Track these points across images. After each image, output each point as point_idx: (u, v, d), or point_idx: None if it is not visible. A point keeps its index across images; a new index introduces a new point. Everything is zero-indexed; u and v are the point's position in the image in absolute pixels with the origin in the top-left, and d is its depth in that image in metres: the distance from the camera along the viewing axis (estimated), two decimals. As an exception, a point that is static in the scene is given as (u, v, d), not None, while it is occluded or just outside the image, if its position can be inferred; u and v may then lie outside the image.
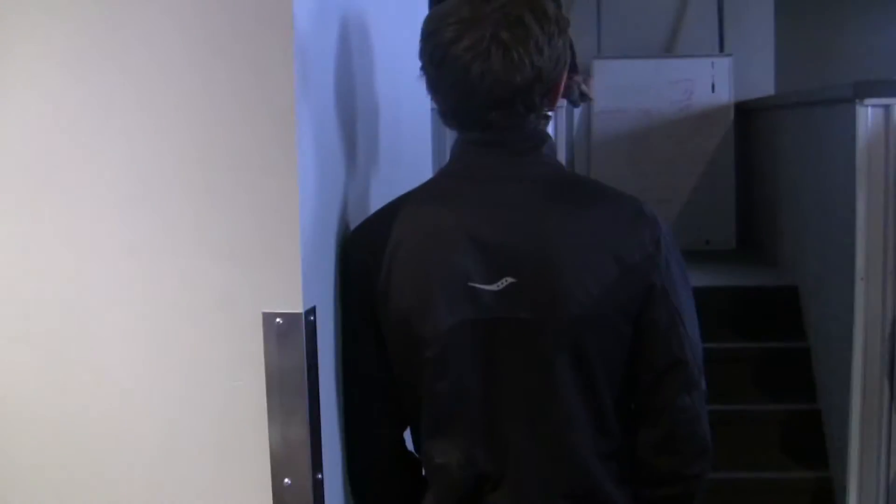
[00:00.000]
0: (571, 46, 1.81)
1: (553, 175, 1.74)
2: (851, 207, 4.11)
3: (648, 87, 7.34)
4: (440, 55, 1.66)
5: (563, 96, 4.10)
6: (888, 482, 4.19)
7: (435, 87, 1.72)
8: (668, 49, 7.75)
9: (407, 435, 1.86)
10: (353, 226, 1.81)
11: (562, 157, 4.08)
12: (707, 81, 7.33)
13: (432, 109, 1.93)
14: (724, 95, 7.33)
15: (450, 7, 1.69)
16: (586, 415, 1.68)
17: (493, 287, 1.64)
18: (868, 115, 4.01)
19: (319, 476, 1.56)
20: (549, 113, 1.78)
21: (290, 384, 1.52)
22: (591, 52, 7.53)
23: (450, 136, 1.85)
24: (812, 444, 4.88)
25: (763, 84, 7.51)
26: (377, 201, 1.90)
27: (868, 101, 4.00)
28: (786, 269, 5.95)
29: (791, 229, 5.87)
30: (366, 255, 1.72)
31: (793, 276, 5.70)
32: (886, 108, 4.00)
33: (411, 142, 2.34)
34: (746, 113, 7.29)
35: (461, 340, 1.66)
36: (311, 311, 1.55)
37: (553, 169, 1.75)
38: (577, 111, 6.87)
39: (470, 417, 1.69)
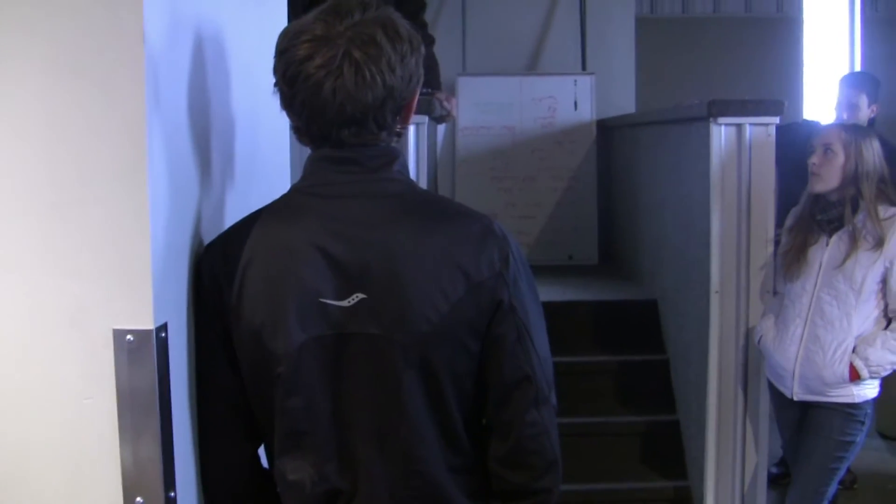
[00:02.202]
0: (435, 64, 1.83)
1: (403, 192, 1.75)
2: (707, 222, 4.23)
3: (512, 104, 7.44)
4: (293, 72, 1.66)
5: (425, 113, 4.13)
6: (743, 489, 4.31)
7: (288, 103, 1.71)
8: (532, 67, 7.85)
9: (262, 451, 1.85)
10: (207, 242, 1.80)
11: (422, 174, 4.09)
12: (570, 99, 7.45)
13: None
14: (587, 113, 7.46)
15: (303, 24, 1.68)
16: (436, 430, 1.70)
17: (344, 303, 1.65)
18: (722, 134, 4.15)
19: (172, 494, 1.54)
20: (401, 130, 1.79)
21: (142, 401, 1.51)
22: (457, 69, 7.60)
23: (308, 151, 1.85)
24: (671, 454, 4.99)
25: (624, 102, 7.67)
26: (233, 217, 1.88)
27: (721, 119, 4.14)
28: (646, 283, 6.08)
29: (651, 244, 6.00)
30: (218, 272, 1.71)
31: (652, 289, 5.83)
32: (739, 126, 4.14)
33: (270, 156, 2.32)
34: (608, 130, 7.43)
35: (312, 356, 1.66)
36: (163, 328, 1.54)
37: (404, 186, 1.76)
38: (441, 128, 6.91)
39: (321, 433, 1.69)
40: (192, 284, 1.73)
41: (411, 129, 4.01)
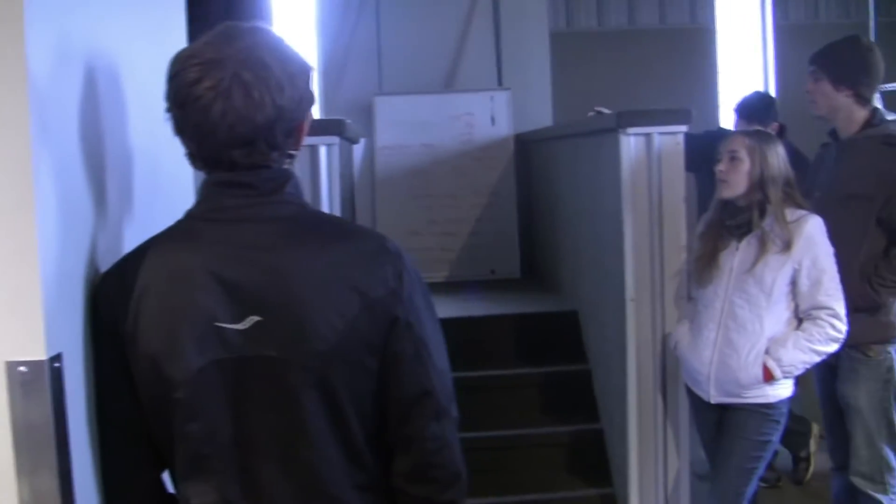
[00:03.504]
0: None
1: (296, 214, 1.77)
2: (619, 233, 4.27)
3: (430, 122, 7.44)
4: (183, 95, 1.68)
5: (336, 133, 4.14)
6: (666, 494, 4.36)
7: (180, 127, 1.72)
8: (449, 84, 7.88)
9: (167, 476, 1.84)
10: (103, 271, 1.79)
11: (335, 195, 4.09)
12: (487, 115, 7.48)
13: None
14: (504, 128, 7.49)
15: (194, 49, 1.71)
16: (338, 448, 1.71)
17: (240, 326, 1.66)
18: (631, 144, 4.20)
19: (73, 527, 1.52)
20: (294, 152, 1.81)
21: (38, 434, 1.50)
22: (373, 89, 7.62)
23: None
24: (596, 462, 5.04)
25: (541, 116, 7.72)
26: (133, 244, 1.86)
27: (630, 130, 4.19)
28: (566, 294, 6.12)
29: (570, 256, 6.04)
30: (113, 300, 1.71)
31: (573, 300, 5.86)
32: (647, 136, 4.20)
33: (171, 184, 2.31)
34: (526, 144, 7.48)
35: (210, 381, 1.66)
36: (57, 358, 1.53)
37: (297, 208, 1.78)
38: (358, 147, 6.92)
39: (223, 457, 1.69)
40: (90, 314, 1.72)
41: (322, 149, 4.02)
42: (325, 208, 3.99)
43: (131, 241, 1.92)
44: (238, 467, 1.69)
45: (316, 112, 7.36)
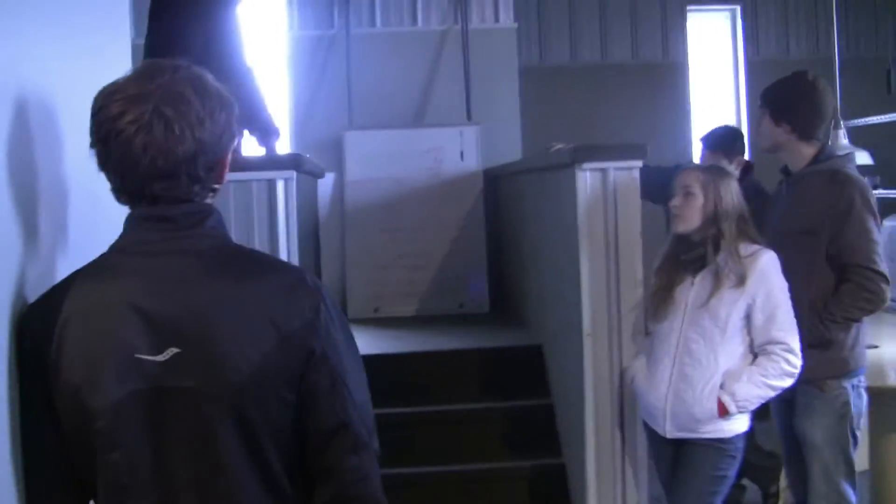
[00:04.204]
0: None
1: (217, 248, 1.80)
2: (577, 267, 4.29)
3: (399, 156, 7.47)
4: (106, 130, 1.72)
5: (293, 168, 4.15)
6: (625, 527, 4.35)
7: (103, 162, 1.76)
8: (419, 119, 7.92)
9: None
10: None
11: (292, 229, 4.09)
12: (456, 149, 7.52)
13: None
14: (473, 163, 7.53)
15: (117, 84, 1.75)
16: (257, 479, 1.73)
17: (159, 358, 1.68)
18: (586, 179, 4.21)
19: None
20: (217, 187, 1.84)
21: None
22: (343, 124, 7.66)
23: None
24: (558, 497, 5.00)
25: (510, 151, 7.73)
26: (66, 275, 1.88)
27: (586, 165, 4.21)
28: (532, 328, 6.13)
29: (535, 290, 6.05)
30: (37, 331, 1.73)
31: (538, 335, 5.87)
32: (603, 171, 4.21)
33: (111, 216, 2.31)
34: (494, 179, 7.51)
35: (130, 411, 1.68)
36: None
37: (218, 242, 1.81)
38: (327, 181, 6.94)
39: (143, 487, 1.70)
40: (15, 345, 1.74)
41: (279, 184, 4.03)
42: (282, 243, 4.00)
43: (65, 272, 1.91)
44: (157, 497, 1.71)
45: (286, 146, 7.42)
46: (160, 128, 1.69)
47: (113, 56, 2.45)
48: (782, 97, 3.91)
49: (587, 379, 4.30)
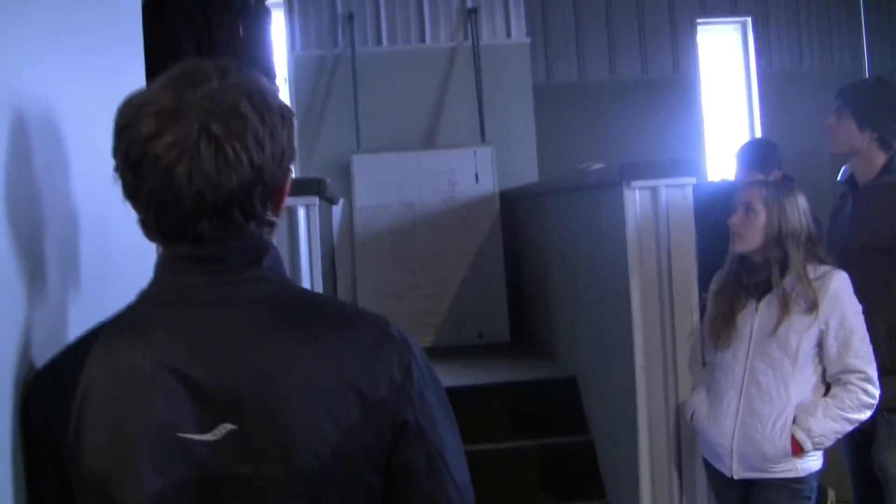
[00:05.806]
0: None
1: (276, 295, 1.45)
2: (626, 293, 4.02)
3: (411, 181, 7.25)
4: (137, 154, 1.35)
5: (316, 193, 3.89)
6: (683, 576, 4.07)
7: (133, 193, 1.40)
8: (430, 141, 7.71)
9: None
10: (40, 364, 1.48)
11: (316, 262, 3.84)
12: (470, 172, 7.29)
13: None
14: (489, 185, 7.30)
15: (148, 94, 1.39)
16: None
17: (209, 437, 1.35)
18: (636, 198, 3.96)
19: None
20: (274, 219, 1.49)
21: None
22: (351, 147, 7.43)
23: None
24: (604, 543, 4.75)
25: (526, 172, 7.55)
26: (80, 328, 1.54)
27: (635, 183, 3.95)
28: (563, 359, 5.88)
29: (565, 318, 5.81)
30: (49, 405, 1.40)
31: (570, 366, 5.62)
32: (653, 189, 3.95)
33: (126, 254, 1.97)
34: (512, 202, 7.30)
35: None
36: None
37: (277, 287, 1.46)
38: (336, 208, 6.66)
39: None
40: (20, 421, 1.41)
41: (301, 211, 3.76)
42: (304, 276, 3.75)
43: (78, 326, 1.59)
44: None
45: (293, 171, 7.18)
46: (209, 153, 1.33)
47: (127, 65, 2.15)
48: (868, 103, 3.69)
49: (640, 414, 4.03)
